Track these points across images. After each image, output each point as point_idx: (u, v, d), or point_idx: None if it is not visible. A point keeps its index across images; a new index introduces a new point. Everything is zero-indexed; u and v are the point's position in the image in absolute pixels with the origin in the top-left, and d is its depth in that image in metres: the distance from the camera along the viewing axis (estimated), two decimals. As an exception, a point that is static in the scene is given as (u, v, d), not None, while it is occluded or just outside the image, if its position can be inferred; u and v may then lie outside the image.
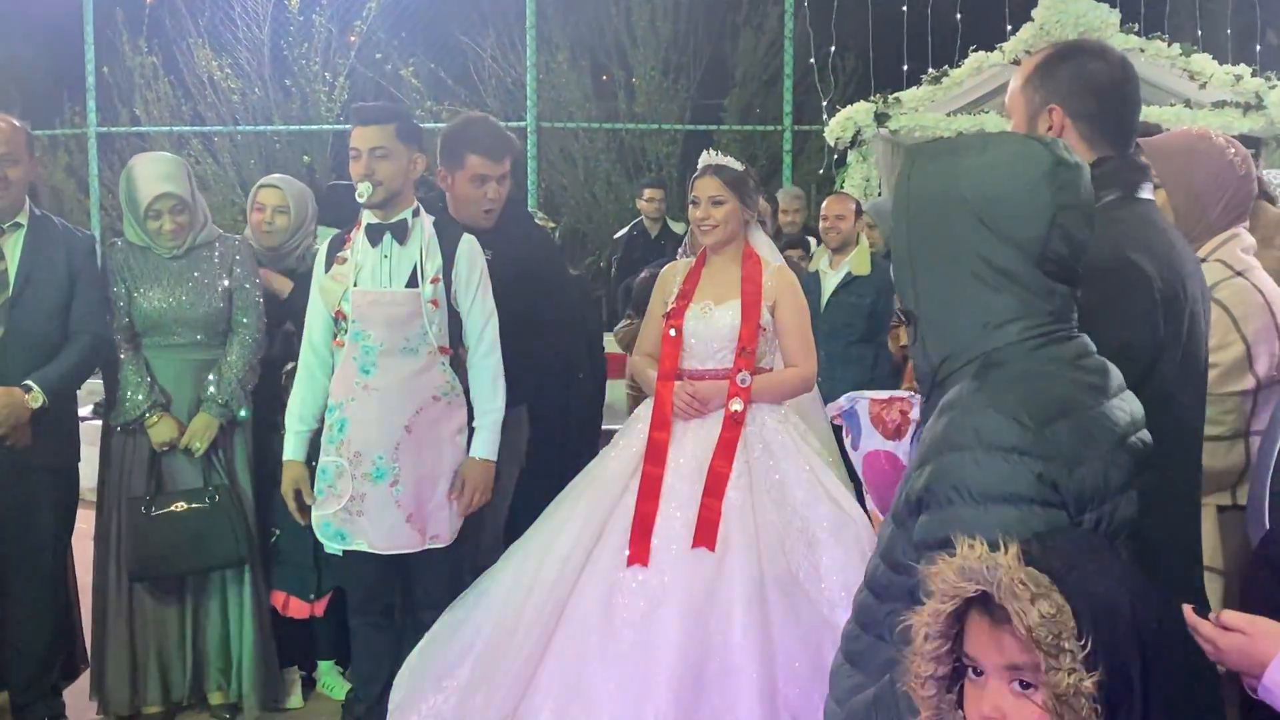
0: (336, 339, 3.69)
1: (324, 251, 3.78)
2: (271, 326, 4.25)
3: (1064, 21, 8.11)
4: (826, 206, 6.10)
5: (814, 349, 3.74)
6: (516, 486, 4.08)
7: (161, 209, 4.03)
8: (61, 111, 11.90)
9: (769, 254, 3.80)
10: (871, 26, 9.76)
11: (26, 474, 3.88)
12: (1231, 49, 8.74)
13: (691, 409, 3.57)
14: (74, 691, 4.21)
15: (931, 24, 9.41)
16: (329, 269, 3.72)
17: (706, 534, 3.32)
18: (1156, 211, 2.24)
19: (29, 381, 3.80)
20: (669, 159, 11.69)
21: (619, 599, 3.29)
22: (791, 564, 3.30)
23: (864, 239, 6.01)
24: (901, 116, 8.45)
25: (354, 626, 3.92)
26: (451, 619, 3.59)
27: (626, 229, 8.61)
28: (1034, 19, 8.32)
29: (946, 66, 8.66)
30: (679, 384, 3.61)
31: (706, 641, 3.16)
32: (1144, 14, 8.72)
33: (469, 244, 3.75)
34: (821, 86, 9.79)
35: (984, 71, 8.46)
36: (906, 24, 9.49)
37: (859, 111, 8.55)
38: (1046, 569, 1.46)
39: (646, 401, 3.73)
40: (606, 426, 5.20)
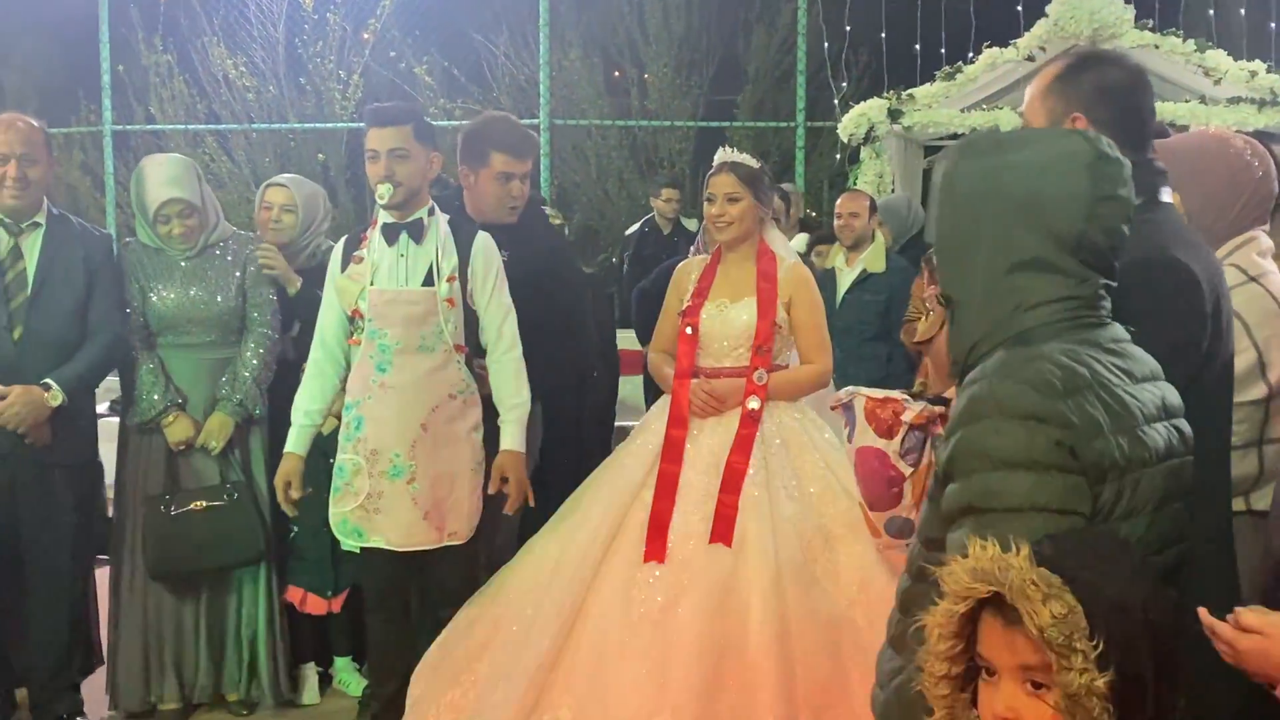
0: (353, 338, 3.72)
1: (340, 250, 3.80)
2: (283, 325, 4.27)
3: (1078, 17, 8.05)
4: (840, 204, 6.09)
5: (830, 345, 3.75)
6: (531, 483, 4.09)
7: (170, 214, 4.05)
8: (77, 109, 11.91)
9: (784, 250, 3.81)
10: (885, 22, 9.72)
11: (46, 472, 3.90)
12: (1246, 44, 8.69)
13: (709, 407, 3.58)
14: (91, 688, 4.24)
15: (945, 19, 9.38)
16: (345, 268, 3.74)
17: (724, 530, 3.34)
18: (1178, 215, 2.25)
19: (48, 380, 3.82)
20: (681, 156, 11.67)
21: (637, 594, 3.30)
22: (809, 559, 3.31)
23: (880, 236, 6.00)
24: (915, 113, 8.43)
25: (371, 623, 3.93)
26: (470, 614, 3.62)
27: (638, 225, 8.59)
28: (1048, 14, 8.26)
29: (960, 62, 8.62)
30: (696, 382, 3.63)
31: (724, 636, 3.17)
32: (1158, 9, 8.67)
33: (484, 242, 3.77)
34: (834, 83, 9.75)
35: (998, 67, 8.42)
36: (920, 19, 9.45)
37: (872, 108, 8.53)
38: (1059, 569, 1.47)
39: (663, 398, 3.74)
40: (619, 423, 5.22)
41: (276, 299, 4.23)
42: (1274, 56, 8.51)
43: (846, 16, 9.73)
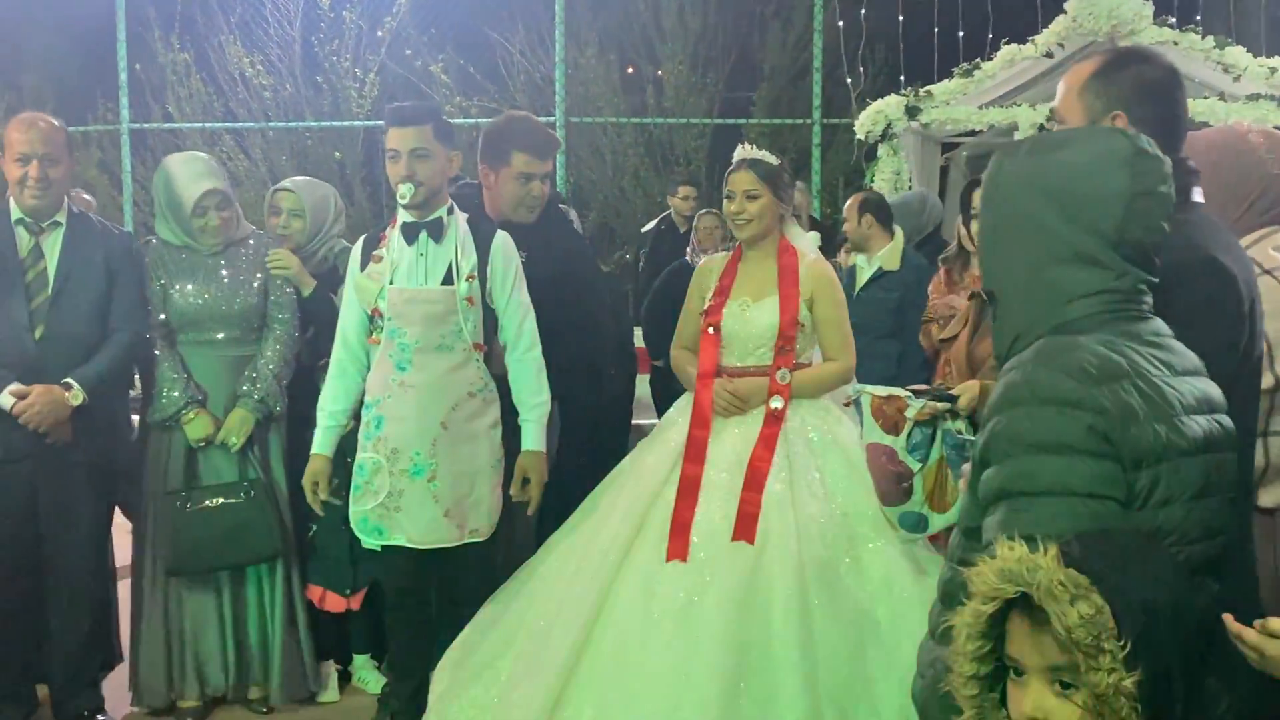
0: (372, 336, 3.73)
1: (359, 249, 3.81)
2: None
3: (1097, 14, 8.02)
4: (845, 206, 6.12)
5: (852, 342, 3.73)
6: (548, 482, 4.10)
7: (208, 205, 4.07)
8: (94, 108, 11.98)
9: (805, 246, 3.80)
10: (902, 19, 9.72)
11: (67, 470, 3.92)
12: (1265, 41, 8.65)
13: (732, 407, 3.58)
14: (112, 685, 4.26)
15: (962, 16, 9.37)
16: (364, 267, 3.75)
17: (746, 528, 3.32)
18: (1211, 215, 2.25)
19: (69, 379, 3.83)
20: (697, 153, 11.68)
21: (659, 590, 3.28)
22: (832, 556, 3.30)
23: (899, 234, 5.97)
24: (932, 110, 8.40)
25: (390, 621, 3.95)
26: (492, 611, 3.62)
27: (654, 223, 8.59)
28: (1066, 11, 8.23)
29: (978, 59, 8.60)
30: (719, 382, 3.62)
31: (748, 632, 3.16)
32: (1177, 6, 8.65)
33: (503, 240, 3.77)
34: (851, 80, 9.74)
35: (1016, 64, 8.39)
36: (937, 16, 9.44)
37: (889, 105, 8.50)
38: (1086, 570, 1.47)
39: (685, 396, 3.74)
40: (635, 421, 5.23)
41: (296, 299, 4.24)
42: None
43: (863, 13, 9.71)
